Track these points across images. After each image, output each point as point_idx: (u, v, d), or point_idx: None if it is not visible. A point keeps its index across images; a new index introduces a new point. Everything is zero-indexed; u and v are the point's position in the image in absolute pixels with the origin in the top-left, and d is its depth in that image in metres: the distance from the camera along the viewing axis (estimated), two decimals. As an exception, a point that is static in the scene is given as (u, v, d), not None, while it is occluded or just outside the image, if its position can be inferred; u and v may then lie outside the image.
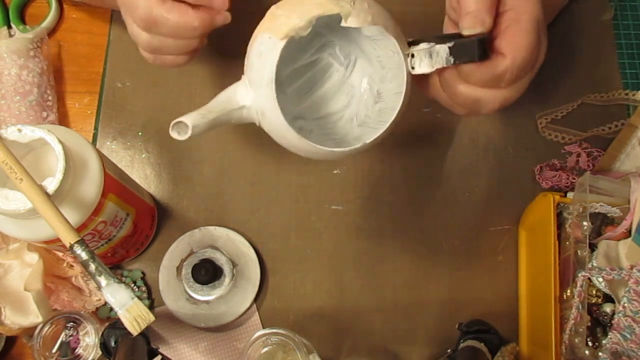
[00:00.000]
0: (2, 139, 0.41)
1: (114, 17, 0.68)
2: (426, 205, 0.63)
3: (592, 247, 0.53)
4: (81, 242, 0.39)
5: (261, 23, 0.43)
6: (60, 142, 0.42)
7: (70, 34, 0.67)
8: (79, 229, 0.45)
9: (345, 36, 0.47)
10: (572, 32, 0.69)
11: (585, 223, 0.50)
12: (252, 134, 0.64)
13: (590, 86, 0.67)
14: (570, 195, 0.56)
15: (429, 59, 0.41)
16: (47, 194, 0.40)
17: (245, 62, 0.44)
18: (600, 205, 0.53)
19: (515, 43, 0.41)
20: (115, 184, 0.49)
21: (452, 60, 0.40)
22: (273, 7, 0.43)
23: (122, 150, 0.63)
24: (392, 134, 0.45)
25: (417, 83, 0.44)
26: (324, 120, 0.51)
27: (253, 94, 0.42)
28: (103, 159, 0.47)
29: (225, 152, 0.64)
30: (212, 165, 0.63)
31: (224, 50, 0.67)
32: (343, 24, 0.40)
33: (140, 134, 0.64)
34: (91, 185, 0.45)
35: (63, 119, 0.64)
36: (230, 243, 0.60)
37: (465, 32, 0.41)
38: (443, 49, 0.40)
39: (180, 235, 0.60)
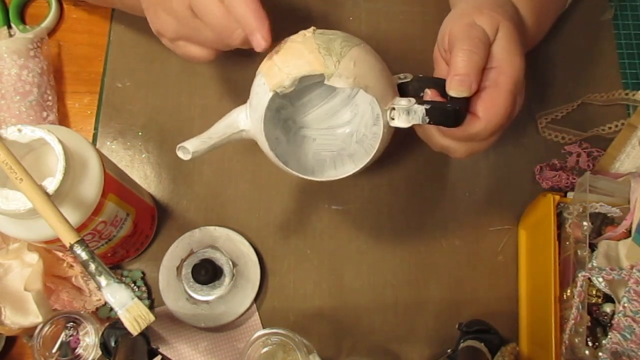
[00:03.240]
0: (2, 139, 0.41)
1: (114, 17, 0.68)
2: (426, 205, 0.63)
3: (592, 247, 0.53)
4: (81, 242, 0.39)
5: (264, 61, 0.45)
6: (60, 142, 0.42)
7: (70, 34, 0.67)
8: (79, 229, 0.45)
9: None
10: (572, 32, 0.69)
11: (585, 223, 0.50)
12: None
13: (590, 86, 0.67)
14: (570, 195, 0.56)
15: (406, 115, 0.44)
16: (47, 194, 0.40)
17: (251, 90, 0.47)
18: (600, 205, 0.53)
19: (491, 108, 0.44)
20: (115, 184, 0.49)
21: (427, 120, 0.43)
22: (274, 51, 0.44)
23: (122, 150, 0.63)
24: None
25: None
26: (327, 131, 0.55)
27: (250, 121, 0.47)
28: (103, 159, 0.47)
29: (225, 152, 0.64)
30: (212, 165, 0.63)
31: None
32: (326, 82, 0.43)
33: (140, 134, 0.64)
34: (91, 185, 0.45)
35: (63, 119, 0.64)
36: (230, 243, 0.60)
37: (452, 94, 0.44)
38: (420, 109, 0.43)
39: (180, 235, 0.60)
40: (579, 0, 0.69)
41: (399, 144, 0.65)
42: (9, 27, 0.66)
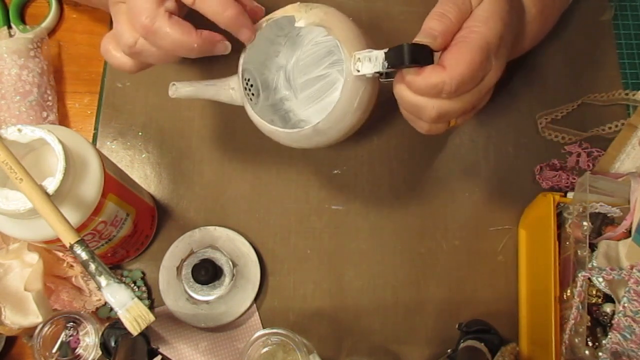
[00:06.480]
0: (2, 139, 0.41)
1: (114, 17, 0.68)
2: (426, 205, 0.63)
3: (592, 247, 0.53)
4: (81, 242, 0.39)
5: None
6: (60, 142, 0.42)
7: (70, 34, 0.67)
8: (79, 229, 0.45)
9: None
10: (572, 32, 0.69)
11: (585, 223, 0.50)
12: (252, 134, 0.64)
13: (590, 86, 0.67)
14: (570, 195, 0.56)
15: (368, 62, 0.46)
16: (47, 194, 0.40)
17: None
18: (600, 205, 0.53)
19: (457, 59, 0.44)
20: (115, 184, 0.49)
21: (386, 64, 0.44)
22: None
23: (122, 150, 0.63)
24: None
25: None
26: None
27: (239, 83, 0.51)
28: (103, 159, 0.47)
29: (225, 152, 0.64)
30: (212, 165, 0.63)
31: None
32: (295, 24, 0.49)
33: (140, 134, 0.64)
34: (91, 185, 0.45)
35: (63, 119, 0.64)
36: (230, 243, 0.60)
37: (415, 40, 0.44)
38: (380, 54, 0.45)
39: (180, 235, 0.60)
40: (579, 0, 0.69)
41: (400, 144, 0.65)
42: (9, 27, 0.66)
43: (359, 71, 0.46)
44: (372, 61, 0.45)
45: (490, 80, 0.46)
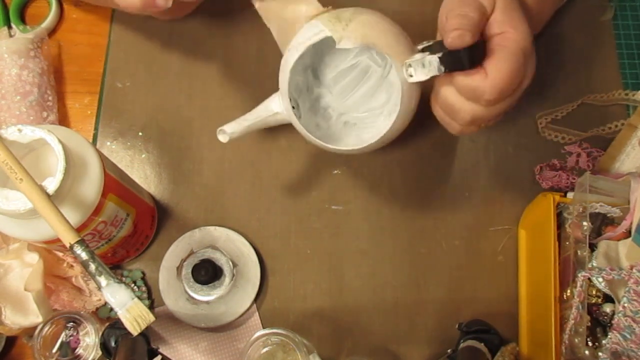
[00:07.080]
0: (2, 139, 0.41)
1: (114, 17, 0.68)
2: (426, 206, 0.63)
3: (592, 247, 0.53)
4: (81, 242, 0.39)
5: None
6: (60, 142, 0.42)
7: (70, 34, 0.67)
8: (79, 229, 0.45)
9: None
10: (572, 32, 0.69)
11: (585, 223, 0.50)
12: (252, 133, 0.64)
13: (590, 86, 0.67)
14: (570, 195, 0.56)
15: (422, 68, 0.45)
16: (47, 194, 0.40)
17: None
18: (600, 205, 0.53)
19: (499, 68, 0.44)
20: (115, 184, 0.49)
21: (442, 69, 0.44)
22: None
23: (122, 150, 0.63)
24: (417, 98, 0.47)
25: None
26: (366, 114, 0.58)
27: (282, 102, 0.51)
28: (103, 159, 0.47)
29: (225, 152, 0.64)
30: (212, 165, 0.63)
31: (224, 51, 0.67)
32: (337, 46, 0.47)
33: (140, 134, 0.64)
34: (91, 185, 0.45)
35: (63, 119, 0.64)
36: (230, 243, 0.60)
37: (448, 44, 0.43)
38: (434, 59, 0.44)
39: (180, 235, 0.60)
40: (578, 0, 0.69)
41: (400, 144, 0.65)
42: (9, 27, 0.66)
43: (411, 76, 0.47)
44: (426, 66, 0.45)
45: (525, 84, 0.46)
